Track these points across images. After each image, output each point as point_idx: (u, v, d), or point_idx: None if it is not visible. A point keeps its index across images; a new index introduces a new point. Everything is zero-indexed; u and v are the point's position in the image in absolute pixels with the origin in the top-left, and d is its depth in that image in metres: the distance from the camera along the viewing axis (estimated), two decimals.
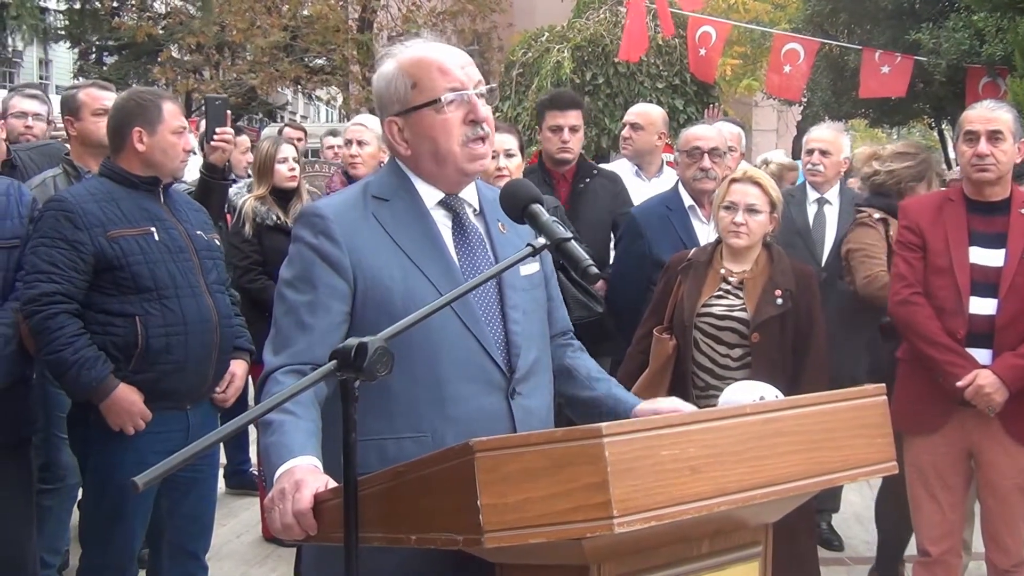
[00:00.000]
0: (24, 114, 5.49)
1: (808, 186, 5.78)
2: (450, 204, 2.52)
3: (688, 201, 4.83)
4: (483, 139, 2.45)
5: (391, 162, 2.58)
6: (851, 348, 4.81)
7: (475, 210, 2.57)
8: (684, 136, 4.94)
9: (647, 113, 5.99)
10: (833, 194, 5.70)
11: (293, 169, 5.68)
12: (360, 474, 1.92)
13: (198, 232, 3.86)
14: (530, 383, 2.46)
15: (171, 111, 3.79)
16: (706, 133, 4.90)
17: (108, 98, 4.54)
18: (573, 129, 5.22)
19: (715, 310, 4.07)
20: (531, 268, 2.55)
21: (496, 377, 2.40)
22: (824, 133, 5.89)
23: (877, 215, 4.82)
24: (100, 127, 4.43)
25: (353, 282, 2.37)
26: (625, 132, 5.93)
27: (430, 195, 2.50)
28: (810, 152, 5.76)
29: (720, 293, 4.10)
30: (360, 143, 5.76)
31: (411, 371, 2.31)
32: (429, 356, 2.33)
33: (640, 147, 5.88)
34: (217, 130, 4.53)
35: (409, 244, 2.41)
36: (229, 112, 4.66)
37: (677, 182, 5.00)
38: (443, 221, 2.50)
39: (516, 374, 2.42)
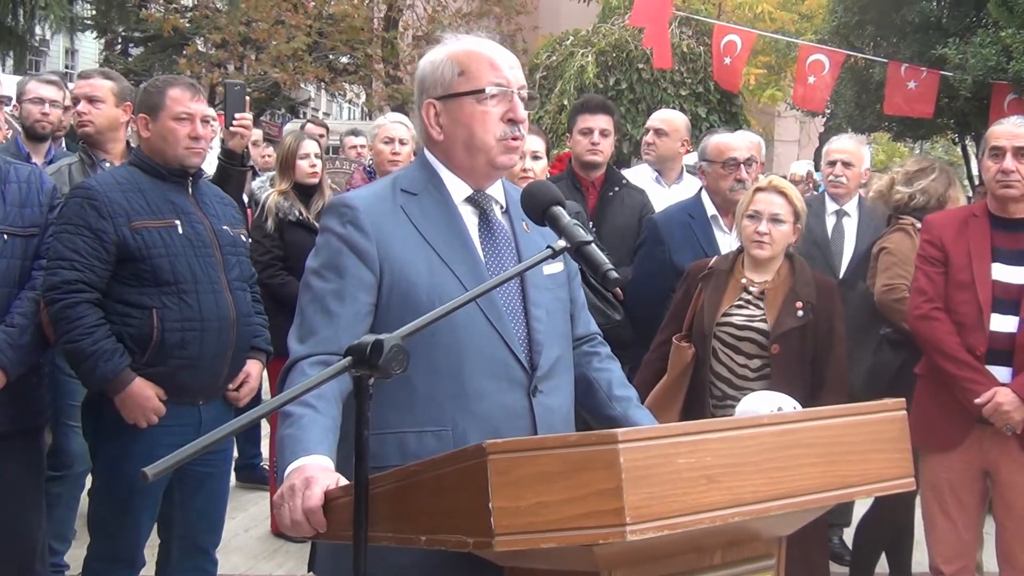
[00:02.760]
0: (41, 100, 5.45)
1: (827, 197, 5.72)
2: (477, 200, 2.54)
3: (711, 210, 4.80)
4: (517, 139, 2.48)
5: (420, 156, 2.60)
6: (858, 353, 4.77)
7: (502, 208, 2.59)
8: (715, 146, 4.85)
9: (671, 120, 5.96)
10: (852, 206, 5.65)
11: (314, 165, 5.68)
12: (380, 467, 1.91)
13: (224, 227, 3.85)
14: (552, 381, 2.47)
15: (175, 97, 3.73)
16: (739, 143, 4.84)
17: (97, 86, 4.68)
18: (603, 133, 5.19)
19: (735, 320, 4.04)
20: (555, 268, 2.57)
21: (518, 374, 2.41)
22: (846, 144, 5.83)
23: (919, 226, 4.74)
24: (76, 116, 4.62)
25: (380, 274, 2.38)
26: (648, 137, 5.90)
27: (458, 190, 2.52)
28: (832, 163, 5.71)
29: (740, 303, 4.07)
30: (401, 141, 5.72)
31: (434, 365, 2.32)
32: (452, 351, 2.34)
33: (663, 153, 5.85)
34: (236, 116, 4.52)
35: (436, 239, 2.43)
36: (248, 98, 4.66)
37: (700, 190, 4.96)
38: (470, 217, 2.52)
39: (538, 372, 2.43)
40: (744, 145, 4.85)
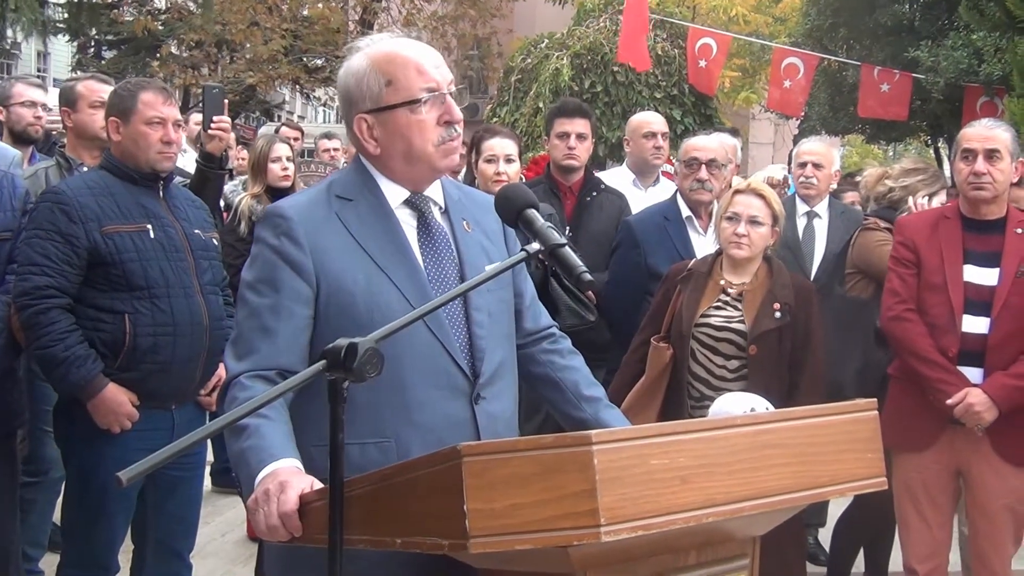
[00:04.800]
0: (33, 103, 5.37)
1: (798, 199, 5.74)
2: (415, 203, 2.49)
3: (686, 212, 4.81)
4: (455, 139, 2.45)
5: (355, 160, 2.54)
6: (846, 353, 4.79)
7: (441, 208, 2.54)
8: (684, 146, 4.93)
9: (664, 121, 5.99)
10: (823, 207, 5.68)
11: (286, 168, 5.66)
12: (325, 479, 1.90)
13: (196, 231, 3.82)
14: (495, 387, 2.44)
15: (147, 101, 3.71)
16: (706, 144, 4.86)
17: (105, 91, 4.52)
18: (580, 137, 5.17)
19: (713, 321, 4.06)
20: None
21: (460, 382, 2.38)
22: (816, 146, 5.86)
23: (884, 225, 4.79)
24: (96, 119, 4.43)
25: (316, 285, 2.33)
26: (658, 141, 5.79)
27: (395, 194, 2.46)
28: (803, 165, 5.73)
29: (719, 304, 4.09)
30: None
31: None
32: (392, 361, 2.23)
33: (664, 157, 5.87)
34: (214, 119, 4.50)
35: (373, 246, 2.38)
36: (226, 101, 4.64)
37: (676, 192, 4.98)
38: (408, 221, 2.47)
39: (480, 379, 2.40)
40: (710, 146, 4.85)
